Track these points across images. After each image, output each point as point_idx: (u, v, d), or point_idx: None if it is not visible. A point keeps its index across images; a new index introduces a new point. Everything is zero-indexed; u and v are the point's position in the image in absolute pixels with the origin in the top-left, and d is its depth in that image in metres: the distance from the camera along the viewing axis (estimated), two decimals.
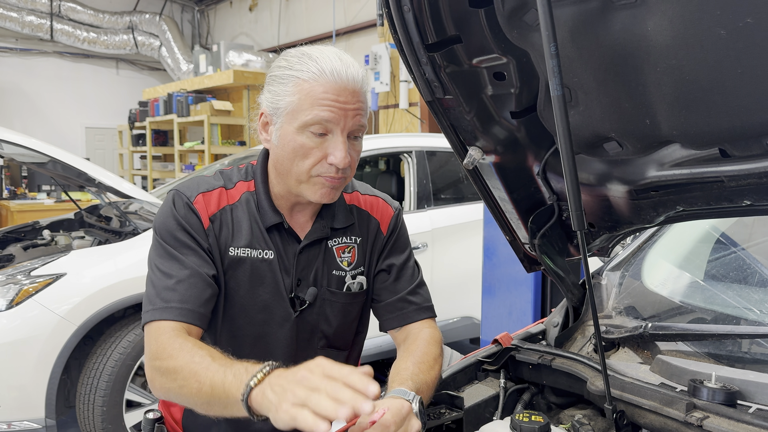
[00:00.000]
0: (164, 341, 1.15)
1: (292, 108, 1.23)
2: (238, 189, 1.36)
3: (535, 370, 1.42)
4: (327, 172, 1.24)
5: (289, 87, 1.23)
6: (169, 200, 1.31)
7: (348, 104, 1.21)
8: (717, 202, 1.22)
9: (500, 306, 3.40)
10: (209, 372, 1.04)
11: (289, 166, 1.26)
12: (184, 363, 1.08)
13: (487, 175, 1.41)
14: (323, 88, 1.20)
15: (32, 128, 11.40)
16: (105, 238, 3.59)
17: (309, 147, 1.23)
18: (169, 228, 1.28)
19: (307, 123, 1.21)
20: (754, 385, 1.13)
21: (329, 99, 1.20)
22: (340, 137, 1.22)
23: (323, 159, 1.23)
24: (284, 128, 1.25)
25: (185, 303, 1.21)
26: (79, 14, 11.77)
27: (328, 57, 1.23)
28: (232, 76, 8.79)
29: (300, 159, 1.24)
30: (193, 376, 1.06)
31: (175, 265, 1.25)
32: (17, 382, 2.89)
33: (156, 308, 1.21)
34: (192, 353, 1.10)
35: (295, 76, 1.22)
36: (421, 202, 4.28)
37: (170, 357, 1.11)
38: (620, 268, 1.74)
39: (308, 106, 1.21)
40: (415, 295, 1.43)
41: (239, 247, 1.31)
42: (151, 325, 1.21)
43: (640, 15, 0.94)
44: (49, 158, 3.42)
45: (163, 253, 1.27)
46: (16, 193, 8.65)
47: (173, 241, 1.27)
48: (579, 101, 1.14)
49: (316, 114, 1.20)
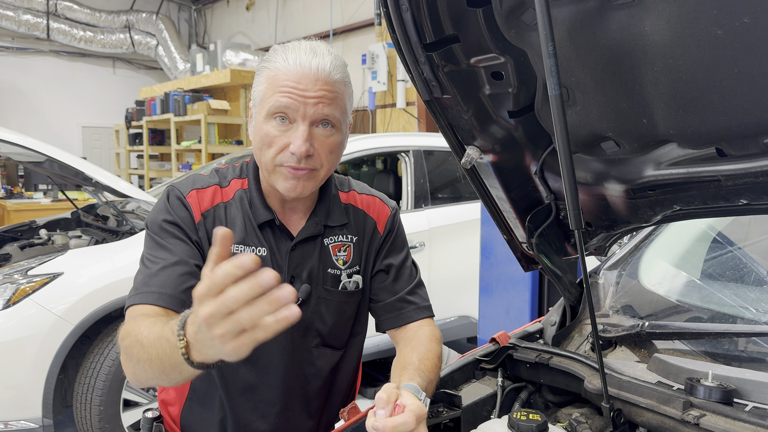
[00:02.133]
0: (129, 324, 1.12)
1: (260, 97, 1.26)
2: (232, 187, 1.37)
3: (532, 368, 1.42)
4: (288, 161, 1.24)
5: (261, 78, 1.26)
6: (164, 196, 1.33)
7: (308, 91, 1.21)
8: (714, 201, 1.22)
9: (497, 305, 3.41)
10: (150, 340, 0.99)
11: (259, 156, 1.28)
12: (134, 338, 1.05)
13: (484, 175, 1.41)
14: (285, 75, 1.22)
15: (29, 127, 11.37)
16: (102, 237, 3.59)
17: (273, 135, 1.24)
18: (158, 220, 1.29)
19: (270, 111, 1.23)
20: (751, 383, 1.14)
21: (288, 86, 1.21)
22: (301, 125, 1.22)
23: (285, 148, 1.24)
24: (257, 119, 1.28)
25: (164, 288, 1.20)
26: (75, 13, 11.75)
27: (297, 48, 1.24)
28: (229, 75, 8.79)
29: (266, 148, 1.25)
30: (140, 347, 1.01)
31: (161, 253, 1.26)
32: (14, 381, 2.88)
33: (136, 293, 1.21)
34: (140, 327, 1.05)
35: (266, 67, 1.25)
36: (418, 202, 4.28)
37: (127, 335, 1.08)
38: (617, 267, 1.75)
39: (271, 93, 1.23)
40: (413, 295, 1.43)
41: (232, 244, 1.31)
42: (128, 310, 1.20)
43: (638, 14, 0.94)
44: (45, 157, 3.41)
45: (150, 244, 1.28)
46: (13, 193, 8.63)
47: (160, 231, 1.28)
48: (576, 101, 1.14)
49: (276, 100, 1.21)
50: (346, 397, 1.53)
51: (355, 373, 1.54)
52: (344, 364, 1.48)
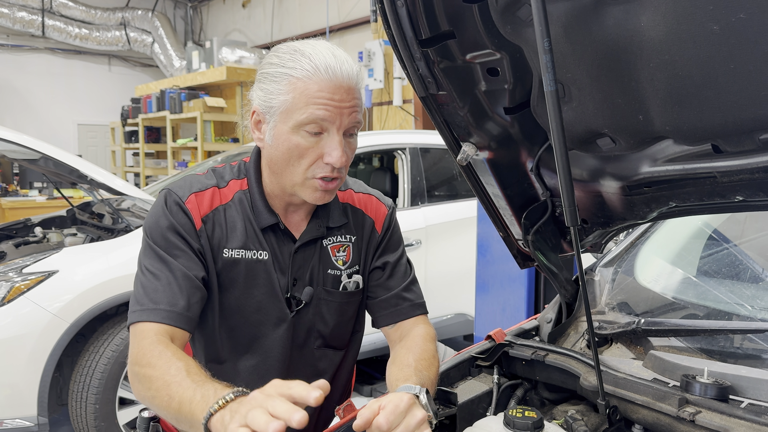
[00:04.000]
0: (146, 346, 1.13)
1: (286, 107, 1.20)
2: (230, 188, 1.34)
3: (528, 365, 1.42)
4: (323, 171, 1.22)
5: (282, 85, 1.20)
6: (161, 200, 1.29)
7: (344, 102, 1.19)
8: (710, 197, 1.22)
9: (494, 303, 3.41)
10: (181, 388, 1.01)
11: (284, 167, 1.24)
12: (159, 373, 1.06)
13: (480, 172, 1.41)
14: (318, 86, 1.18)
15: (24, 125, 11.32)
16: (97, 235, 3.57)
17: (304, 147, 1.20)
18: (159, 228, 1.26)
19: (302, 122, 1.19)
20: (746, 380, 1.14)
21: (324, 97, 1.17)
22: (336, 136, 1.20)
23: (319, 159, 1.21)
24: (278, 128, 1.22)
25: (173, 306, 1.19)
26: (70, 10, 11.70)
27: (321, 53, 1.20)
28: (225, 72, 8.76)
29: (295, 159, 1.22)
30: (166, 388, 1.03)
31: (164, 267, 1.23)
32: (9, 380, 2.87)
33: (143, 309, 1.19)
34: (169, 364, 1.07)
35: (289, 74, 1.19)
36: (414, 199, 4.28)
37: (148, 365, 1.09)
38: (613, 264, 1.75)
39: (303, 105, 1.18)
40: (408, 291, 1.43)
41: (233, 248, 1.29)
42: (136, 326, 1.19)
43: (633, 10, 0.94)
44: (41, 155, 3.40)
45: (152, 254, 1.25)
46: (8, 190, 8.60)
47: (163, 242, 1.25)
48: (572, 97, 1.14)
49: (311, 113, 1.18)
50: (342, 394, 1.53)
51: (352, 370, 1.54)
52: (344, 363, 1.48)
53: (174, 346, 1.14)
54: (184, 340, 1.21)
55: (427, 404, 1.07)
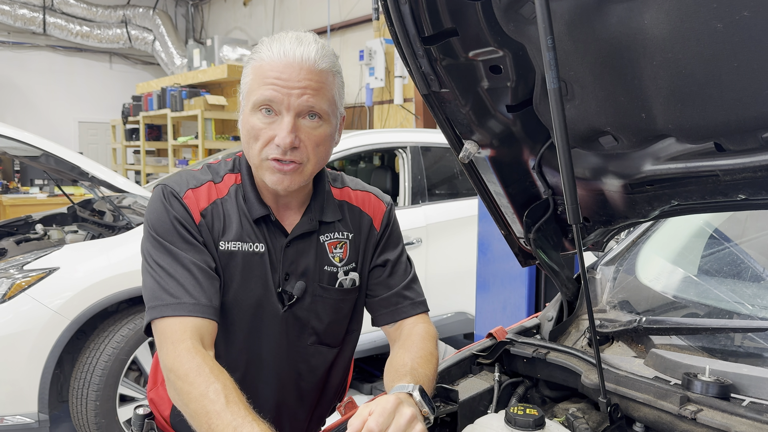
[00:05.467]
0: (182, 354, 1.12)
1: (246, 90, 1.25)
2: (225, 182, 1.34)
3: (529, 363, 1.42)
4: (274, 153, 1.22)
5: (247, 70, 1.25)
6: (158, 195, 1.29)
7: (292, 82, 1.19)
8: (712, 196, 1.22)
9: (494, 301, 3.41)
10: (220, 420, 1.02)
11: (247, 149, 1.27)
12: (198, 395, 1.06)
13: (482, 169, 1.41)
14: (269, 66, 1.20)
15: (25, 122, 11.33)
16: (98, 232, 3.58)
17: (259, 128, 1.23)
18: (163, 222, 1.25)
19: (255, 103, 1.22)
20: (748, 378, 1.14)
21: (273, 77, 1.20)
22: (286, 117, 1.21)
23: (271, 140, 1.22)
24: (244, 112, 1.26)
25: (196, 298, 1.19)
26: (72, 8, 11.69)
27: (283, 38, 1.23)
28: (226, 70, 8.75)
29: (253, 141, 1.24)
30: (205, 416, 1.04)
31: (175, 260, 1.22)
32: (10, 376, 2.88)
33: (165, 304, 1.18)
34: (208, 384, 1.07)
35: (252, 59, 1.24)
36: (415, 198, 4.28)
37: (186, 379, 1.09)
38: (614, 262, 1.75)
39: (257, 86, 1.21)
40: (409, 290, 1.43)
41: (230, 240, 1.29)
42: (162, 322, 1.18)
43: (637, 8, 0.94)
44: (42, 152, 3.39)
45: (161, 249, 1.24)
46: (9, 187, 8.61)
47: (172, 236, 1.24)
48: (575, 95, 1.14)
49: (261, 93, 1.20)
50: (338, 391, 1.53)
51: (348, 368, 1.53)
52: (339, 361, 1.48)
53: (210, 357, 1.14)
54: (213, 333, 1.21)
55: (420, 401, 1.07)
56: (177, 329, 1.16)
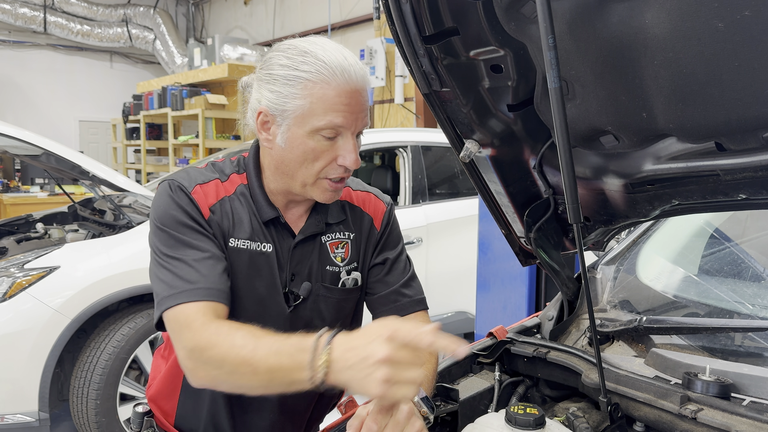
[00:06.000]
0: (198, 328, 1.11)
1: (302, 112, 1.19)
2: (232, 181, 1.34)
3: (530, 363, 1.42)
4: (336, 173, 1.24)
5: (297, 89, 1.19)
6: (166, 190, 1.27)
7: (358, 106, 1.21)
8: (713, 195, 1.22)
9: (495, 300, 3.41)
10: (259, 354, 1.02)
11: (297, 169, 1.25)
12: (227, 349, 1.05)
13: (483, 169, 1.41)
14: (335, 92, 1.18)
15: (25, 121, 11.33)
16: (99, 231, 3.58)
17: (320, 150, 1.22)
18: (171, 215, 1.24)
19: (320, 128, 1.19)
20: (748, 377, 1.14)
21: (343, 103, 1.18)
22: (351, 139, 1.22)
23: (333, 161, 1.23)
24: (293, 131, 1.22)
25: (211, 283, 1.18)
26: (72, 7, 11.70)
27: (333, 55, 1.20)
28: (227, 69, 8.76)
29: (310, 162, 1.23)
30: (244, 363, 1.03)
31: (188, 251, 1.21)
32: (10, 375, 2.88)
33: (179, 292, 1.16)
34: (232, 337, 1.06)
35: (304, 78, 1.18)
36: (416, 197, 4.28)
37: (212, 345, 1.07)
38: (615, 262, 1.75)
39: (321, 111, 1.18)
40: (408, 287, 1.43)
41: (240, 238, 1.29)
42: (174, 310, 1.16)
43: (638, 7, 0.94)
44: (42, 150, 3.40)
45: (172, 242, 1.23)
46: (9, 186, 8.61)
47: (182, 228, 1.23)
48: (576, 94, 1.14)
49: (330, 120, 1.19)
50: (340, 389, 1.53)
51: None
52: None
53: (226, 321, 1.13)
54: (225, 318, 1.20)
55: (419, 401, 1.08)
56: (192, 313, 1.14)
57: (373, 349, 0.91)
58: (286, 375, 0.99)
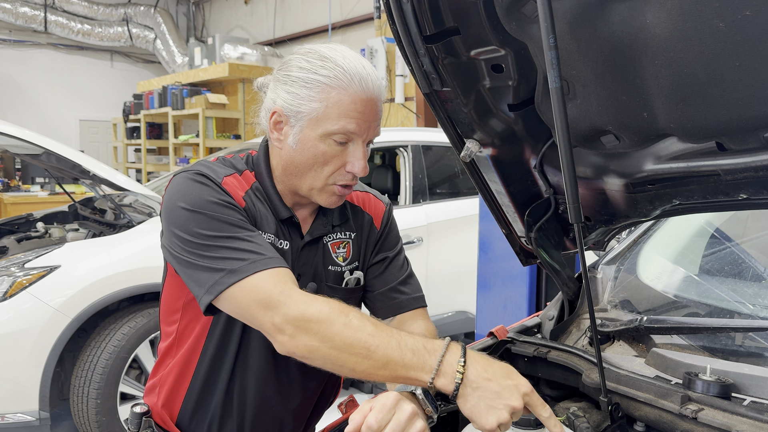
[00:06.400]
0: (299, 298, 1.08)
1: (316, 115, 1.20)
2: (246, 177, 1.33)
3: (530, 362, 1.42)
4: (343, 179, 1.25)
5: (314, 92, 1.20)
6: (189, 177, 1.22)
7: (372, 115, 1.22)
8: (713, 195, 1.22)
9: (495, 300, 3.41)
10: (378, 341, 1.02)
11: (306, 171, 1.25)
12: (341, 327, 1.04)
13: (484, 168, 1.41)
14: (351, 98, 1.19)
15: (26, 120, 11.33)
16: (99, 230, 3.58)
17: (330, 155, 1.23)
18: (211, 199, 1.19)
19: (332, 132, 1.20)
20: (749, 377, 1.14)
21: (357, 111, 1.20)
22: (361, 147, 1.23)
23: (342, 167, 1.24)
24: (305, 133, 1.23)
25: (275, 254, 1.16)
26: (73, 6, 11.70)
27: (352, 63, 1.21)
28: (228, 69, 8.76)
29: (319, 166, 1.24)
30: (360, 344, 1.02)
31: (239, 229, 1.17)
32: (11, 374, 2.88)
33: (250, 262, 1.11)
34: (346, 315, 1.05)
35: (322, 82, 1.19)
36: (416, 197, 4.28)
37: (323, 319, 1.05)
38: (615, 262, 1.75)
39: (336, 116, 1.20)
40: (406, 285, 1.44)
41: (266, 232, 1.29)
42: (250, 279, 1.10)
43: (639, 7, 0.94)
44: (43, 150, 3.40)
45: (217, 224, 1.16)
46: (10, 186, 8.62)
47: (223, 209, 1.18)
48: (577, 94, 1.14)
49: (343, 126, 1.20)
50: (337, 387, 1.56)
51: None
52: None
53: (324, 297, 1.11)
54: None
55: (424, 400, 1.07)
56: (278, 280, 1.11)
57: (510, 394, 1.00)
58: (404, 370, 1.01)
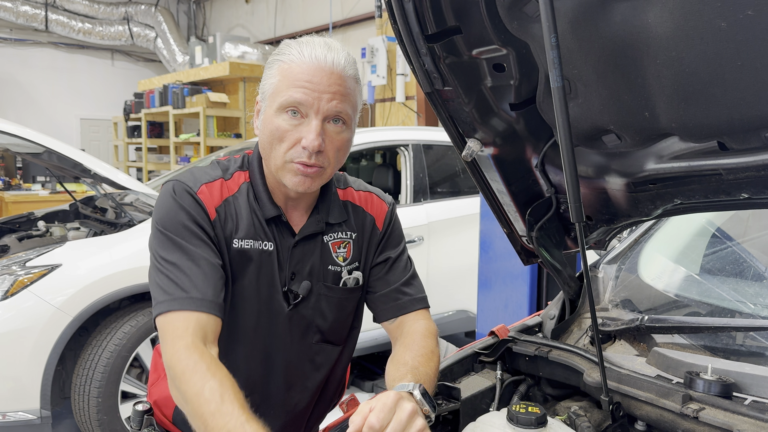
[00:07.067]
0: (180, 350, 1.12)
1: (272, 90, 1.24)
2: (235, 180, 1.34)
3: (531, 361, 1.42)
4: (300, 156, 1.23)
5: (273, 70, 1.25)
6: (169, 191, 1.28)
7: (323, 86, 1.21)
8: (715, 195, 1.22)
9: (496, 299, 3.41)
10: (215, 422, 1.02)
11: (269, 150, 1.27)
12: (194, 394, 1.06)
13: (485, 168, 1.41)
14: (300, 69, 1.21)
15: (27, 119, 11.33)
16: (100, 229, 3.58)
17: (284, 130, 1.23)
18: (174, 219, 1.24)
19: (283, 105, 1.22)
20: (750, 377, 1.14)
21: (303, 79, 1.20)
22: (314, 120, 1.22)
23: (297, 143, 1.23)
24: (266, 112, 1.26)
25: (204, 294, 1.18)
26: (74, 5, 11.70)
27: (312, 42, 1.24)
28: (228, 68, 8.76)
29: (277, 142, 1.24)
30: (200, 417, 1.04)
31: (185, 257, 1.22)
32: (12, 373, 2.88)
33: (173, 299, 1.17)
34: (203, 383, 1.06)
35: (279, 60, 1.24)
36: (417, 196, 4.28)
37: (183, 378, 1.09)
38: (617, 261, 1.75)
39: (285, 87, 1.22)
40: (408, 286, 1.43)
41: (242, 238, 1.30)
42: (166, 316, 1.17)
43: (641, 6, 0.94)
44: (44, 148, 3.40)
45: (170, 245, 1.23)
46: (11, 184, 8.61)
47: (181, 232, 1.24)
48: (578, 93, 1.14)
49: (290, 95, 1.21)
50: (338, 387, 1.55)
51: (347, 365, 1.54)
52: (342, 358, 1.49)
53: (209, 354, 1.13)
54: (217, 330, 1.20)
55: (421, 399, 1.07)
56: (180, 325, 1.15)
57: None
58: None
